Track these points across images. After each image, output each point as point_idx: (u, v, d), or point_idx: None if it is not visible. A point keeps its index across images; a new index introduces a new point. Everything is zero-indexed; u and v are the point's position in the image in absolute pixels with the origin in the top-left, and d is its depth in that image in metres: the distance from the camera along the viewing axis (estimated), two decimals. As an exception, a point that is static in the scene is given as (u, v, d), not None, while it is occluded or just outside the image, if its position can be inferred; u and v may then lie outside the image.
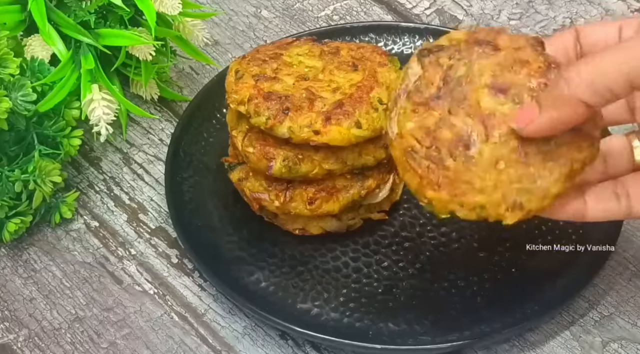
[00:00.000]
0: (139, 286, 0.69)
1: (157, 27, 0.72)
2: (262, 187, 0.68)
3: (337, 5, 0.90)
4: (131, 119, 0.80)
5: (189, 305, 0.68)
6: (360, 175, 0.68)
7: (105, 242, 0.72)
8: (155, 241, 0.72)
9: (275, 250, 0.70)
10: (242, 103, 0.67)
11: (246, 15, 0.90)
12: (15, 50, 0.70)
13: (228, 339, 0.66)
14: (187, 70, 0.85)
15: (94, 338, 0.66)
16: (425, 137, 0.54)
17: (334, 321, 0.65)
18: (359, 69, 0.68)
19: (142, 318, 0.68)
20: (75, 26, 0.72)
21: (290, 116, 0.65)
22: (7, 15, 0.73)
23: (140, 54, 0.75)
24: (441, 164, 0.54)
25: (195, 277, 0.70)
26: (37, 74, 0.71)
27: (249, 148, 0.67)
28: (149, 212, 0.74)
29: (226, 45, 0.87)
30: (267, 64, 0.69)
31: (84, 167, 0.77)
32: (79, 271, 0.70)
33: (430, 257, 0.69)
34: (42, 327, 0.67)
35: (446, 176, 0.54)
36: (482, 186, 0.53)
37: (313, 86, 0.67)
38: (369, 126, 0.65)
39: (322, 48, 0.71)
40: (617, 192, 0.57)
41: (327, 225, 0.70)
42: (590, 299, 0.67)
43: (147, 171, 0.77)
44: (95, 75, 0.73)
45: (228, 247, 0.70)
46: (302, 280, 0.68)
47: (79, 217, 0.74)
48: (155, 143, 0.79)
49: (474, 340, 0.63)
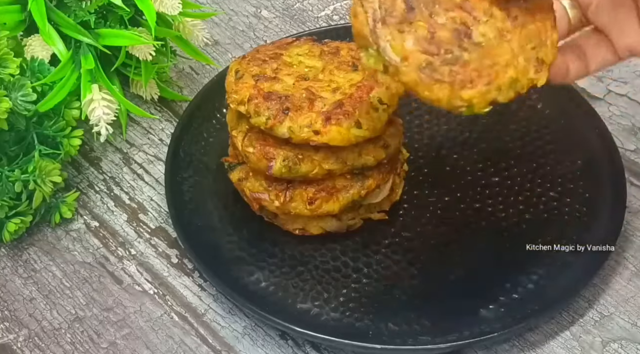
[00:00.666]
0: (139, 286, 0.69)
1: (157, 27, 0.72)
2: (262, 187, 0.68)
3: (337, 5, 0.90)
4: (131, 119, 0.80)
5: (189, 305, 0.68)
6: (360, 175, 0.68)
7: (105, 242, 0.72)
8: (155, 241, 0.72)
9: (275, 250, 0.70)
10: (242, 103, 0.67)
11: (246, 15, 0.90)
12: (15, 50, 0.70)
13: (228, 339, 0.66)
14: (187, 70, 0.85)
15: (94, 338, 0.66)
16: (429, 46, 0.54)
17: (333, 321, 0.65)
18: (359, 69, 0.68)
19: (142, 318, 0.67)
20: (75, 26, 0.72)
21: (290, 116, 0.65)
22: (7, 15, 0.73)
23: (140, 54, 0.75)
24: (461, 61, 0.54)
25: (195, 277, 0.70)
26: (37, 74, 0.71)
27: (249, 148, 0.67)
28: (149, 212, 0.74)
29: (226, 45, 0.87)
30: (267, 64, 0.69)
31: (84, 167, 0.77)
32: (79, 271, 0.70)
33: (430, 257, 0.68)
34: (42, 327, 0.67)
35: (473, 69, 0.54)
36: (505, 61, 0.54)
37: (313, 86, 0.67)
38: (369, 126, 0.65)
39: (322, 48, 0.71)
40: (576, 52, 0.59)
41: (327, 225, 0.70)
42: (590, 299, 0.67)
43: (147, 171, 0.77)
44: (95, 75, 0.73)
45: (228, 247, 0.70)
46: (302, 280, 0.68)
47: (79, 217, 0.74)
48: (155, 143, 0.79)
49: (474, 340, 0.62)
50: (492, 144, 0.76)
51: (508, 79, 0.54)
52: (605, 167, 0.72)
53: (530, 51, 0.55)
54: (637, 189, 0.73)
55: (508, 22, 0.55)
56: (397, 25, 0.54)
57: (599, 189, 0.71)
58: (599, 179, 0.72)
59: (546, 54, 0.56)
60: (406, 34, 0.54)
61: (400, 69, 0.54)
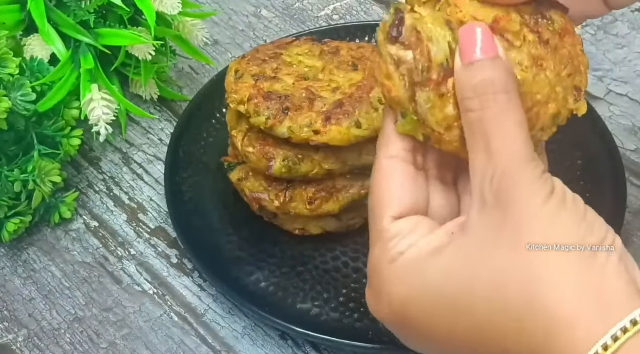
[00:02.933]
0: (139, 286, 0.69)
1: (156, 26, 0.72)
2: (262, 187, 0.68)
3: (337, 5, 0.90)
4: (131, 119, 0.80)
5: (188, 305, 0.68)
6: (360, 175, 0.68)
7: (104, 242, 0.72)
8: (155, 241, 0.72)
9: (275, 250, 0.69)
10: (242, 103, 0.67)
11: (246, 15, 0.90)
12: (15, 50, 0.70)
13: (228, 340, 0.66)
14: (187, 70, 0.85)
15: (93, 338, 0.66)
16: None
17: (334, 321, 0.65)
18: (359, 69, 0.68)
19: (142, 318, 0.67)
20: (74, 26, 0.72)
21: (290, 116, 0.65)
22: (7, 15, 0.73)
23: (140, 53, 0.75)
24: None
25: (195, 277, 0.70)
26: (36, 73, 0.70)
27: (249, 148, 0.67)
28: (149, 213, 0.74)
29: (226, 45, 0.87)
30: (267, 64, 0.69)
31: (83, 167, 0.77)
32: (79, 271, 0.70)
33: (430, 258, 0.68)
34: (42, 327, 0.67)
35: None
36: (546, 96, 0.49)
37: (313, 86, 0.67)
38: (369, 126, 0.65)
39: (322, 48, 0.71)
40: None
41: (327, 225, 0.70)
42: (591, 299, 0.67)
43: (147, 171, 0.77)
44: (94, 75, 0.73)
45: (228, 247, 0.69)
46: (302, 280, 0.67)
47: (78, 217, 0.74)
48: (155, 143, 0.79)
49: (474, 340, 0.62)
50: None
51: (550, 117, 0.50)
52: (605, 167, 0.72)
53: (566, 79, 0.50)
54: (638, 189, 0.73)
55: (541, 47, 0.50)
56: (436, 88, 0.48)
57: (599, 189, 0.71)
58: (599, 179, 0.71)
59: (581, 82, 0.51)
60: (446, 99, 0.48)
61: (444, 139, 0.49)
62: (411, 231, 0.49)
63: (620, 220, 0.68)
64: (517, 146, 0.46)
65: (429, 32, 0.48)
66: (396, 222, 0.49)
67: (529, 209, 0.45)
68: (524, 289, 0.44)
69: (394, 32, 0.49)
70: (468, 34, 0.48)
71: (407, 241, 0.48)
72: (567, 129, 0.75)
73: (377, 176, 0.50)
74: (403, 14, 0.49)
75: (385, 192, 0.50)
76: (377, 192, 0.50)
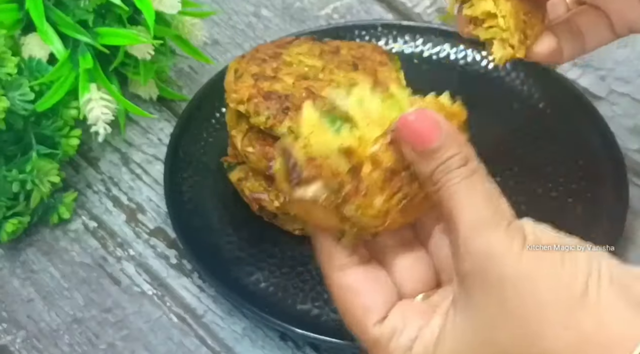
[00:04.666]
0: (138, 287, 0.69)
1: (156, 26, 0.72)
2: (262, 187, 0.68)
3: (337, 4, 0.90)
4: (130, 119, 0.80)
5: (188, 306, 0.68)
6: (361, 175, 0.68)
7: (103, 242, 0.72)
8: (154, 241, 0.72)
9: (275, 250, 0.69)
10: (241, 103, 0.66)
11: (246, 14, 0.89)
12: (13, 49, 0.69)
13: (227, 341, 0.66)
14: (187, 69, 0.85)
15: (92, 339, 0.66)
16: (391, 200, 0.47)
17: (334, 322, 0.64)
18: (360, 68, 0.68)
19: (141, 319, 0.67)
20: (73, 25, 0.72)
21: (290, 116, 0.65)
22: (5, 13, 0.72)
23: (139, 53, 0.75)
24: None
25: (195, 278, 0.70)
26: (35, 73, 0.70)
27: (248, 148, 0.67)
28: (148, 213, 0.74)
29: (226, 44, 0.86)
30: (266, 64, 0.69)
31: (82, 167, 0.77)
32: (78, 272, 0.70)
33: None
34: (40, 328, 0.67)
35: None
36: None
37: (313, 86, 0.67)
38: (370, 126, 0.65)
39: (322, 47, 0.70)
40: (573, 31, 0.58)
41: (327, 225, 0.69)
42: (593, 300, 0.66)
43: (146, 171, 0.77)
44: (93, 74, 0.73)
45: (227, 247, 0.69)
46: (302, 281, 0.67)
47: (77, 217, 0.74)
48: (154, 143, 0.79)
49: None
50: (493, 144, 0.75)
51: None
52: (607, 167, 0.72)
53: None
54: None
55: None
56: (356, 193, 0.46)
57: (601, 189, 0.71)
58: (601, 179, 0.71)
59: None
60: (368, 194, 0.46)
61: (392, 225, 0.47)
62: (405, 324, 0.47)
63: (622, 220, 0.68)
64: (473, 212, 0.45)
65: (320, 150, 0.45)
66: (383, 323, 0.47)
67: (505, 269, 0.43)
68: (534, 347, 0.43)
69: (293, 176, 0.45)
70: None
71: (407, 335, 0.46)
72: (569, 129, 0.76)
73: (339, 293, 0.48)
74: (290, 151, 0.46)
75: (357, 308, 0.48)
76: (349, 309, 0.48)
